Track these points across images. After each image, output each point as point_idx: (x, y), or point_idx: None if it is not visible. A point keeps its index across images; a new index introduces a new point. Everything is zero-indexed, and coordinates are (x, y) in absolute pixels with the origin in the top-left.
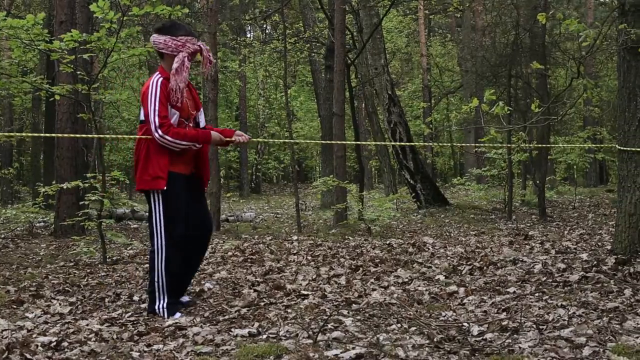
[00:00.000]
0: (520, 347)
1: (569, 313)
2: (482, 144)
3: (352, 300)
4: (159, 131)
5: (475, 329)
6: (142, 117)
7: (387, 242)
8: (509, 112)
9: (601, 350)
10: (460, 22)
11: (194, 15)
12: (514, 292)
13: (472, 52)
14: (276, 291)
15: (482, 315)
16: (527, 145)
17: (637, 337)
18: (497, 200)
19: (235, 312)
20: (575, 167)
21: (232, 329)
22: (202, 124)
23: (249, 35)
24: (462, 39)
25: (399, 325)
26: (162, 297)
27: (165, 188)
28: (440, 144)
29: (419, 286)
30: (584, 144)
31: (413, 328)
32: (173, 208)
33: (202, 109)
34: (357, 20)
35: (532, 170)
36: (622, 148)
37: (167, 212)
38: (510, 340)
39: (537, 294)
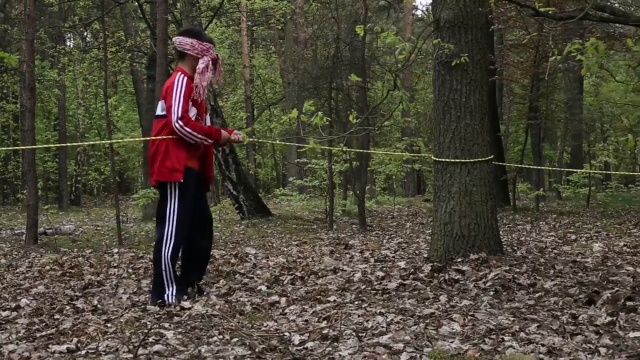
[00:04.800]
0: (340, 355)
1: (387, 320)
2: (305, 154)
3: (173, 313)
4: (180, 122)
5: (296, 338)
6: (158, 112)
7: (210, 253)
8: (328, 123)
9: (418, 355)
10: (283, 34)
11: (10, 22)
12: (335, 300)
13: (294, 64)
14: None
15: (303, 325)
16: (346, 150)
17: (452, 342)
18: (319, 211)
19: (54, 327)
20: (394, 177)
21: (50, 345)
22: (208, 124)
23: (68, 43)
24: (284, 51)
25: (220, 336)
26: (170, 285)
27: (182, 180)
28: (294, 143)
29: (241, 297)
30: (402, 154)
31: (235, 339)
32: (186, 200)
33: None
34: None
35: (352, 180)
36: (437, 159)
37: (181, 203)
38: (330, 349)
39: (356, 302)
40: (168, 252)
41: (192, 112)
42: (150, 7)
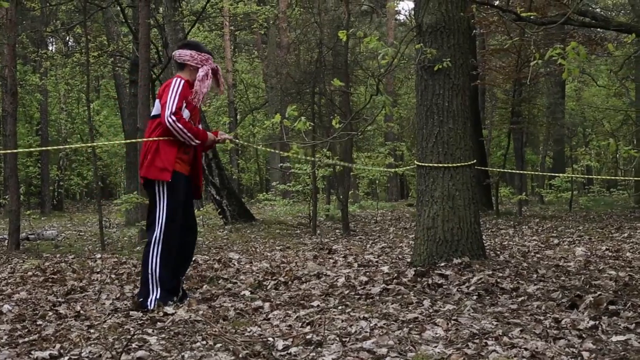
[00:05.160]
0: None
1: (371, 325)
2: (288, 158)
3: (156, 318)
4: (173, 116)
5: (280, 344)
6: (154, 112)
7: (193, 259)
8: (311, 128)
9: None
10: (266, 38)
11: None
12: (318, 305)
13: (277, 68)
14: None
15: (287, 330)
16: (329, 156)
17: (435, 346)
18: (302, 215)
19: (36, 333)
20: (377, 182)
21: (33, 352)
22: None
23: (50, 48)
24: (267, 55)
25: (204, 342)
26: (155, 290)
27: (170, 180)
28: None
29: (224, 302)
30: (385, 161)
31: (218, 345)
32: (175, 202)
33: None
34: (163, 35)
35: (336, 185)
36: (420, 163)
37: (170, 205)
38: (314, 354)
39: (340, 307)
40: (156, 256)
41: (185, 114)
42: (133, 11)
